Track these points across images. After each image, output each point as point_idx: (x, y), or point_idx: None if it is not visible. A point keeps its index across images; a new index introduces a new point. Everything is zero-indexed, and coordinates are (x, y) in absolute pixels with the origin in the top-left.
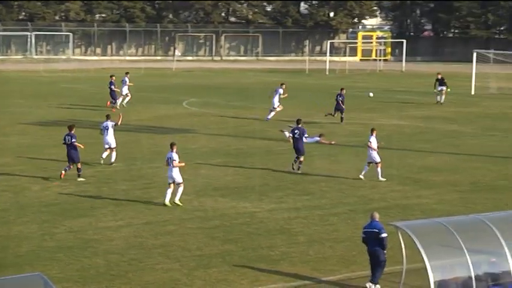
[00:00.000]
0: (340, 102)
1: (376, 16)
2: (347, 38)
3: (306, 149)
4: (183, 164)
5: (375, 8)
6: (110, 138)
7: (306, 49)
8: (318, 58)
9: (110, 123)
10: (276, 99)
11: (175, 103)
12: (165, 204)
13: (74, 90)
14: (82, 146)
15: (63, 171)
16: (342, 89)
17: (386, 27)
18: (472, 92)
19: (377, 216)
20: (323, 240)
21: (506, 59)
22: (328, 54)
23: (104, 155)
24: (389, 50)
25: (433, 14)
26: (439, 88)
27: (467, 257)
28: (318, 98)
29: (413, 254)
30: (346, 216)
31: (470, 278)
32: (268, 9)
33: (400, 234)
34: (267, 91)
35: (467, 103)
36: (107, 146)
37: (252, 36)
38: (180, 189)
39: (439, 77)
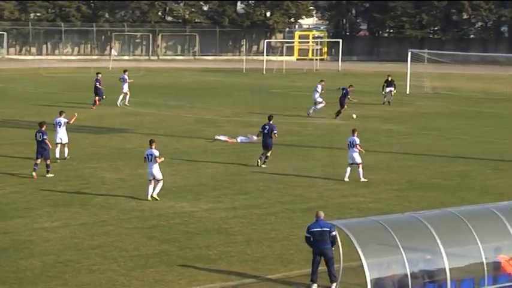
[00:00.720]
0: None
1: (312, 16)
2: (284, 38)
3: (245, 148)
4: (163, 159)
5: (311, 7)
6: (62, 133)
7: (243, 49)
8: (255, 57)
9: (62, 120)
10: (316, 96)
11: (111, 103)
12: (148, 199)
13: (9, 90)
14: (50, 146)
15: (34, 173)
16: (350, 86)
17: (322, 27)
18: (407, 92)
19: (322, 215)
20: (261, 239)
21: (440, 58)
22: (265, 53)
23: (57, 151)
24: (325, 49)
25: (368, 14)
26: (388, 89)
27: (403, 254)
28: (256, 97)
29: (350, 252)
30: (283, 215)
31: (406, 275)
32: (205, 8)
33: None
34: (204, 90)
35: (402, 102)
36: (58, 141)
37: (189, 35)
38: (160, 185)
39: (389, 78)
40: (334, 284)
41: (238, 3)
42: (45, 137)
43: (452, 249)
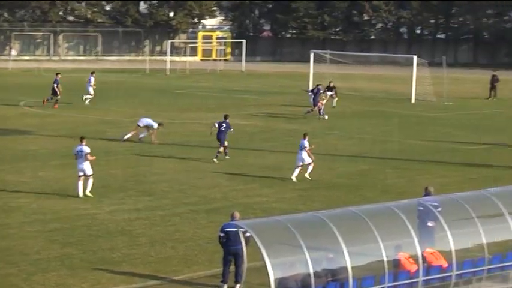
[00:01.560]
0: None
1: (215, 16)
2: (187, 38)
3: (150, 150)
4: (94, 158)
5: (215, 8)
6: None
7: (146, 49)
8: (159, 58)
9: None
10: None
11: (12, 104)
12: (79, 196)
13: None
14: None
15: None
16: (318, 85)
17: (226, 28)
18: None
19: (238, 215)
20: (165, 240)
21: (341, 59)
22: (168, 54)
23: None
24: (229, 50)
25: (271, 15)
26: (328, 93)
27: (306, 254)
28: (159, 98)
29: (254, 252)
30: (188, 217)
31: (309, 274)
32: (108, 8)
33: (241, 234)
34: (106, 91)
35: (306, 102)
36: None
37: (91, 35)
38: (90, 181)
39: (331, 84)
40: (239, 285)
41: (141, 3)
42: None
43: (354, 248)
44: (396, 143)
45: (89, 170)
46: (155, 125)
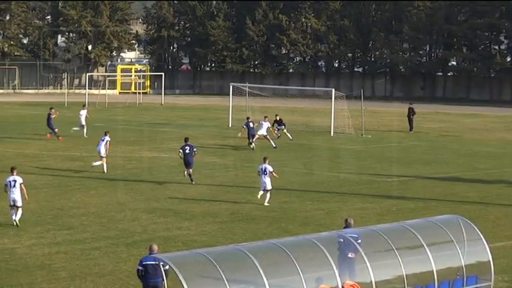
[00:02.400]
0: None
1: (134, 49)
2: (106, 71)
3: (68, 183)
4: (24, 189)
5: (133, 41)
6: None
7: (65, 82)
8: (77, 91)
9: None
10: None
11: None
12: (16, 225)
13: None
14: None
15: None
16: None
17: (145, 61)
18: (230, 125)
19: (156, 248)
20: (85, 274)
21: (260, 92)
22: (87, 87)
23: None
24: (148, 83)
25: (190, 48)
26: (278, 127)
27: (228, 287)
28: (78, 131)
29: (174, 286)
30: (108, 250)
31: None
32: (25, 41)
33: (161, 266)
34: (25, 124)
35: (224, 135)
36: None
37: (8, 68)
38: (20, 211)
39: (277, 118)
40: None
41: (59, 36)
42: None
43: (275, 280)
44: (315, 175)
45: (19, 201)
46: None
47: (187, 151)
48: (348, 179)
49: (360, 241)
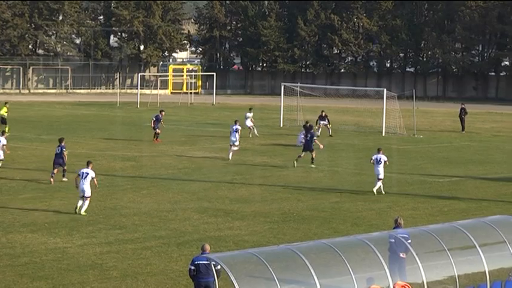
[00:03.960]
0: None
1: (186, 49)
2: (158, 71)
3: (120, 183)
4: (95, 183)
5: (185, 41)
6: None
7: (117, 82)
8: (129, 91)
9: None
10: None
11: None
12: (77, 212)
13: None
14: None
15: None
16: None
17: (196, 61)
18: (281, 125)
19: (208, 248)
20: (136, 274)
21: (311, 92)
22: (138, 87)
23: None
24: (199, 83)
25: (241, 48)
26: (321, 122)
27: (279, 287)
28: (129, 131)
29: (226, 285)
30: (159, 250)
31: None
32: (77, 41)
33: (212, 266)
34: (77, 124)
35: (276, 135)
36: None
37: (61, 68)
38: (87, 202)
39: (323, 114)
40: None
41: (112, 36)
42: None
43: (326, 280)
44: (367, 176)
45: (88, 192)
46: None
47: (308, 138)
48: (400, 179)
49: (410, 241)
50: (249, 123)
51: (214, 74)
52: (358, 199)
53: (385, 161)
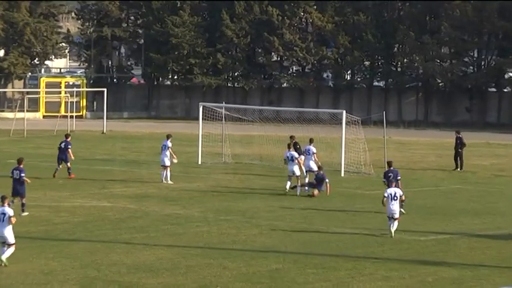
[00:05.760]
0: None
1: (64, 56)
2: (24, 86)
3: None
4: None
5: (63, 44)
6: None
7: None
8: None
9: None
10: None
11: None
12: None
13: None
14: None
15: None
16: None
17: (79, 71)
18: (199, 161)
19: None
20: None
21: (242, 115)
22: None
23: None
24: (84, 103)
25: (143, 54)
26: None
27: None
28: None
29: None
30: None
31: None
32: None
33: None
34: None
35: (192, 177)
36: None
37: None
38: (11, 250)
39: (293, 141)
40: None
41: None
42: (22, 174)
43: None
44: (321, 233)
45: (11, 238)
46: None
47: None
48: (366, 238)
49: None
50: (167, 161)
51: (105, 90)
52: (308, 265)
53: (401, 196)
